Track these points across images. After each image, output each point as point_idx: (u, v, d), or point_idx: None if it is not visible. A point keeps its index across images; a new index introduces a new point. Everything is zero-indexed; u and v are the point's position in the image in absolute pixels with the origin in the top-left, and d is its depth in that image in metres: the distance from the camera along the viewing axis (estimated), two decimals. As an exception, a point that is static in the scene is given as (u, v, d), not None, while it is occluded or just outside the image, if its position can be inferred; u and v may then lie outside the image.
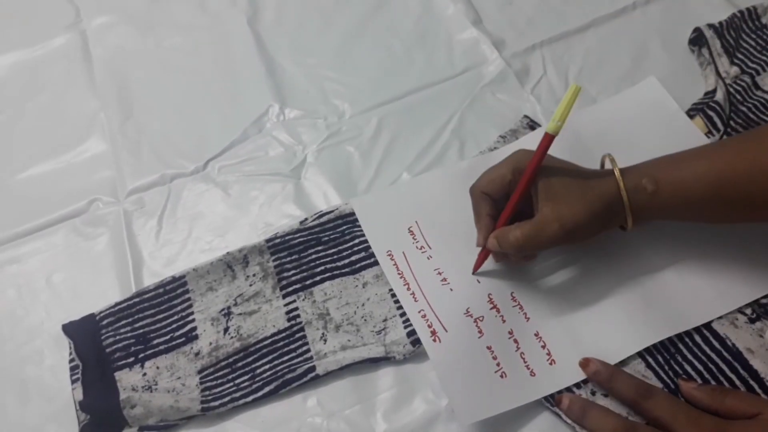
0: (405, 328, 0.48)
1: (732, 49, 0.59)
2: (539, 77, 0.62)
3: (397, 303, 0.49)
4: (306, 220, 0.54)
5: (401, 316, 0.48)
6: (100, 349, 0.48)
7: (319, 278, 0.51)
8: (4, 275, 0.54)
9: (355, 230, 0.53)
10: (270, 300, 0.50)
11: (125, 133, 0.62)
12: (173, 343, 0.49)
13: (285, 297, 0.50)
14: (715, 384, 0.43)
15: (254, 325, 0.49)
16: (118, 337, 0.49)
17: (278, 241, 0.52)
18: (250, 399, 0.46)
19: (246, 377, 0.47)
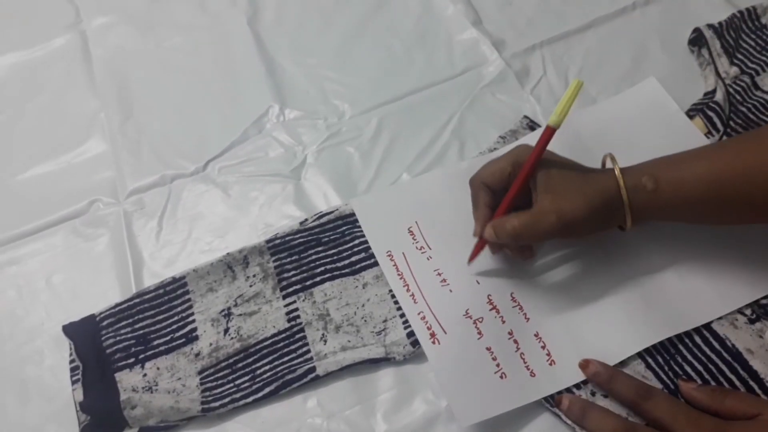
0: (405, 329, 0.48)
1: (732, 50, 0.59)
2: (539, 78, 0.62)
3: (397, 304, 0.49)
4: (306, 220, 0.54)
5: (401, 316, 0.48)
6: (100, 350, 0.48)
7: (319, 279, 0.51)
8: (4, 276, 0.54)
9: (355, 231, 0.53)
10: (270, 301, 0.50)
11: (125, 134, 0.62)
12: (173, 343, 0.49)
13: (285, 298, 0.50)
14: (715, 385, 0.43)
15: (254, 326, 0.49)
16: (118, 338, 0.49)
17: (278, 241, 0.52)
18: (250, 400, 0.46)
19: (246, 378, 0.47)
